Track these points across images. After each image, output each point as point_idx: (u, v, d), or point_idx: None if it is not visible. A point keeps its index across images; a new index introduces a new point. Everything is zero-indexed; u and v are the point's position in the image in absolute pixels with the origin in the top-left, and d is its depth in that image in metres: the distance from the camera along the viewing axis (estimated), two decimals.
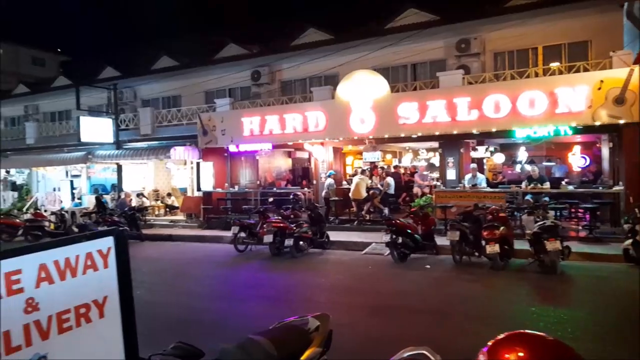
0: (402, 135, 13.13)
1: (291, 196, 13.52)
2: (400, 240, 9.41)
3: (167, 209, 18.33)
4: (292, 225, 10.80)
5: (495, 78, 13.28)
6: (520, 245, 9.03)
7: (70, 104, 23.65)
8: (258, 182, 16.48)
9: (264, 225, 11.09)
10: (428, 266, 8.98)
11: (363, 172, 14.69)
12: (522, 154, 16.52)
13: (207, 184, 16.20)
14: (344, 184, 15.50)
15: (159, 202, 18.58)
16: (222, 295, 7.69)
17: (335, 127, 13.73)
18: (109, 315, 1.83)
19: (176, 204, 18.36)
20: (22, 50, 38.56)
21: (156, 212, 17.97)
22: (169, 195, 18.68)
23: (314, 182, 15.39)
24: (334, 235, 12.15)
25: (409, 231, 9.50)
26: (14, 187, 22.74)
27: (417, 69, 16.41)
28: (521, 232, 10.27)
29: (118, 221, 13.85)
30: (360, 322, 5.90)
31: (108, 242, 1.85)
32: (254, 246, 11.69)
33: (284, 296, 7.48)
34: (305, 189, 14.71)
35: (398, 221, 9.73)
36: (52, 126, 22.72)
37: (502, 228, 8.59)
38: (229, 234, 13.88)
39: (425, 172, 14.82)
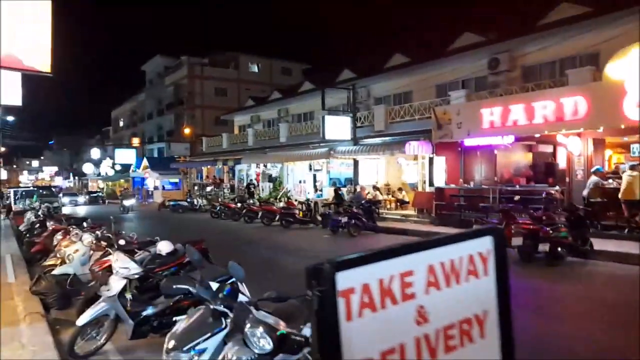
0: None
1: (543, 195, 11.91)
2: None
3: (398, 203, 18.61)
4: (547, 229, 9.41)
5: None
6: None
7: (312, 106, 26.45)
8: (495, 179, 15.16)
9: (512, 227, 9.95)
10: None
11: (633, 167, 11.91)
12: None
13: (440, 180, 15.73)
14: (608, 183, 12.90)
15: (390, 196, 19.02)
16: None
17: (600, 114, 11.47)
18: (489, 335, 1.47)
19: (406, 199, 18.48)
20: (275, 62, 45.16)
21: (387, 206, 18.42)
22: (400, 189, 18.94)
23: (567, 179, 13.28)
24: (598, 244, 10.16)
25: None
26: (269, 178, 26.71)
27: None
28: None
29: (357, 212, 14.59)
30: None
31: (486, 243, 1.49)
32: None
33: (554, 309, 6.43)
34: (557, 187, 12.77)
35: None
36: (299, 126, 25.72)
37: None
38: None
39: None
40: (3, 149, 36.06)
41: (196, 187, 34.02)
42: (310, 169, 24.24)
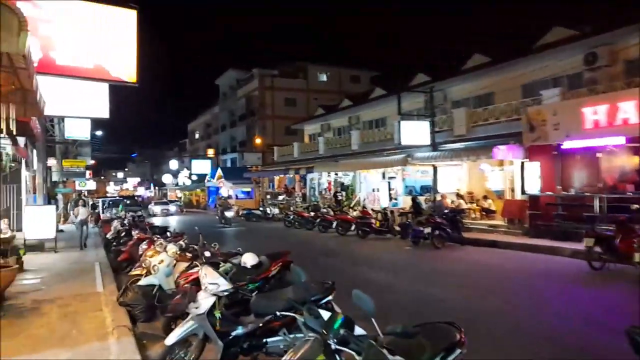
0: None
1: None
2: None
3: (483, 213, 17.29)
4: None
5: None
6: None
7: (384, 112, 25.71)
8: (599, 185, 13.53)
9: (635, 240, 8.61)
10: None
11: None
12: None
13: (533, 187, 14.31)
14: None
15: (474, 205, 17.74)
16: (606, 323, 5.99)
17: None
18: None
19: (492, 208, 17.13)
20: (343, 70, 44.96)
21: (472, 216, 17.17)
22: (485, 197, 17.60)
23: None
24: None
25: None
26: (342, 187, 26.20)
27: None
28: None
29: (441, 222, 13.63)
30: None
31: None
32: (612, 264, 9.36)
33: None
34: None
35: None
36: (372, 133, 25.05)
37: None
38: (565, 245, 11.85)
39: None
40: (93, 161, 38.75)
41: (268, 196, 34.38)
42: (384, 177, 23.42)
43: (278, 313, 3.53)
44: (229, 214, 24.59)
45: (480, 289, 8.31)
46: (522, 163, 14.49)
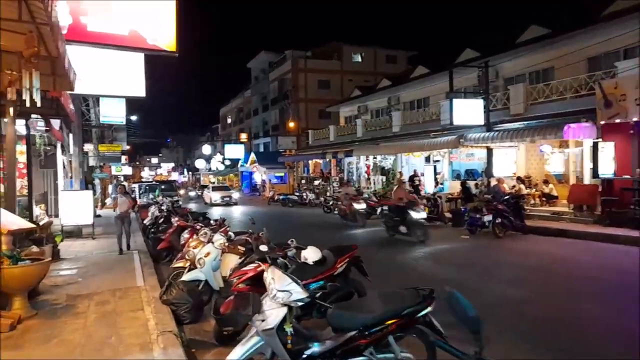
0: None
1: None
2: None
3: (543, 199, 15.83)
4: None
5: None
6: None
7: (427, 92, 24.24)
8: None
9: None
10: None
11: None
12: None
13: (607, 169, 12.80)
14: None
15: (533, 190, 16.27)
16: None
17: None
18: None
19: (554, 193, 15.65)
20: (378, 50, 43.28)
21: (531, 202, 15.73)
22: (546, 182, 16.10)
23: None
24: None
25: None
26: (382, 171, 25.02)
27: None
28: None
29: (502, 209, 12.37)
30: None
31: None
32: None
33: None
34: None
35: None
36: (415, 114, 23.67)
37: None
38: None
39: None
40: (128, 146, 38.85)
41: (303, 181, 33.53)
42: (428, 160, 22.11)
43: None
44: (358, 206, 15.25)
45: (570, 286, 7.14)
46: (595, 143, 12.97)
